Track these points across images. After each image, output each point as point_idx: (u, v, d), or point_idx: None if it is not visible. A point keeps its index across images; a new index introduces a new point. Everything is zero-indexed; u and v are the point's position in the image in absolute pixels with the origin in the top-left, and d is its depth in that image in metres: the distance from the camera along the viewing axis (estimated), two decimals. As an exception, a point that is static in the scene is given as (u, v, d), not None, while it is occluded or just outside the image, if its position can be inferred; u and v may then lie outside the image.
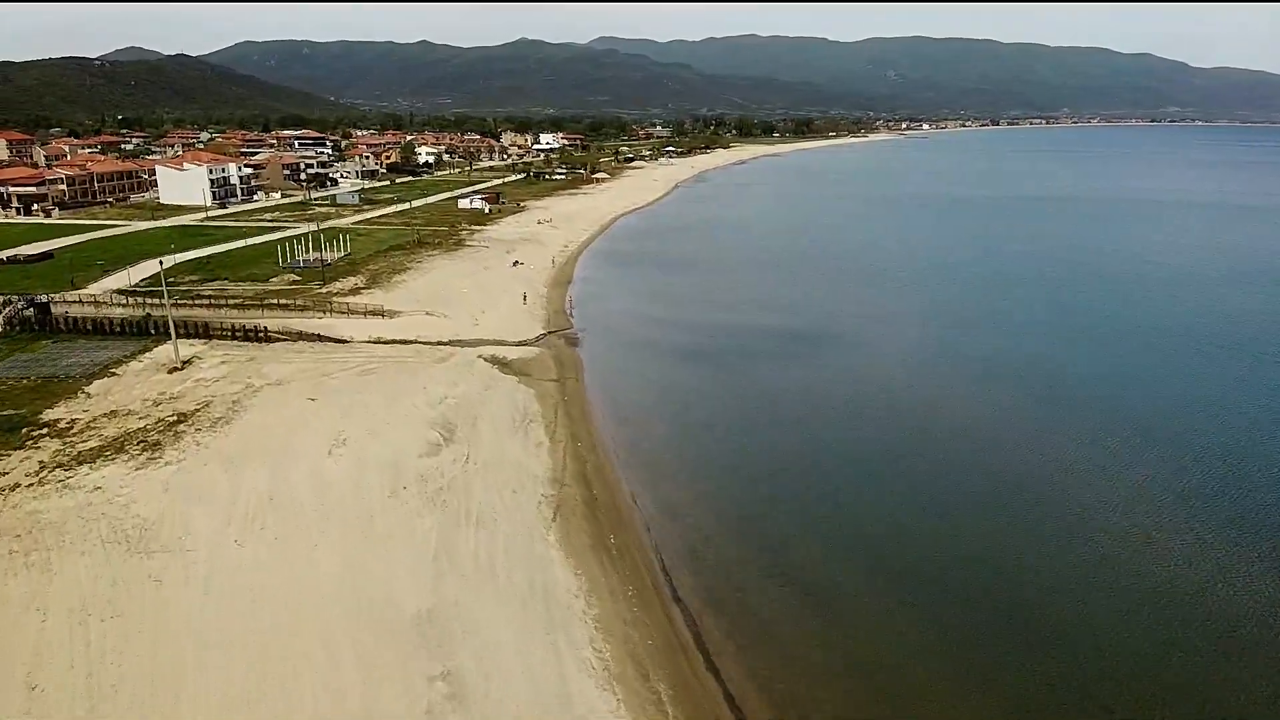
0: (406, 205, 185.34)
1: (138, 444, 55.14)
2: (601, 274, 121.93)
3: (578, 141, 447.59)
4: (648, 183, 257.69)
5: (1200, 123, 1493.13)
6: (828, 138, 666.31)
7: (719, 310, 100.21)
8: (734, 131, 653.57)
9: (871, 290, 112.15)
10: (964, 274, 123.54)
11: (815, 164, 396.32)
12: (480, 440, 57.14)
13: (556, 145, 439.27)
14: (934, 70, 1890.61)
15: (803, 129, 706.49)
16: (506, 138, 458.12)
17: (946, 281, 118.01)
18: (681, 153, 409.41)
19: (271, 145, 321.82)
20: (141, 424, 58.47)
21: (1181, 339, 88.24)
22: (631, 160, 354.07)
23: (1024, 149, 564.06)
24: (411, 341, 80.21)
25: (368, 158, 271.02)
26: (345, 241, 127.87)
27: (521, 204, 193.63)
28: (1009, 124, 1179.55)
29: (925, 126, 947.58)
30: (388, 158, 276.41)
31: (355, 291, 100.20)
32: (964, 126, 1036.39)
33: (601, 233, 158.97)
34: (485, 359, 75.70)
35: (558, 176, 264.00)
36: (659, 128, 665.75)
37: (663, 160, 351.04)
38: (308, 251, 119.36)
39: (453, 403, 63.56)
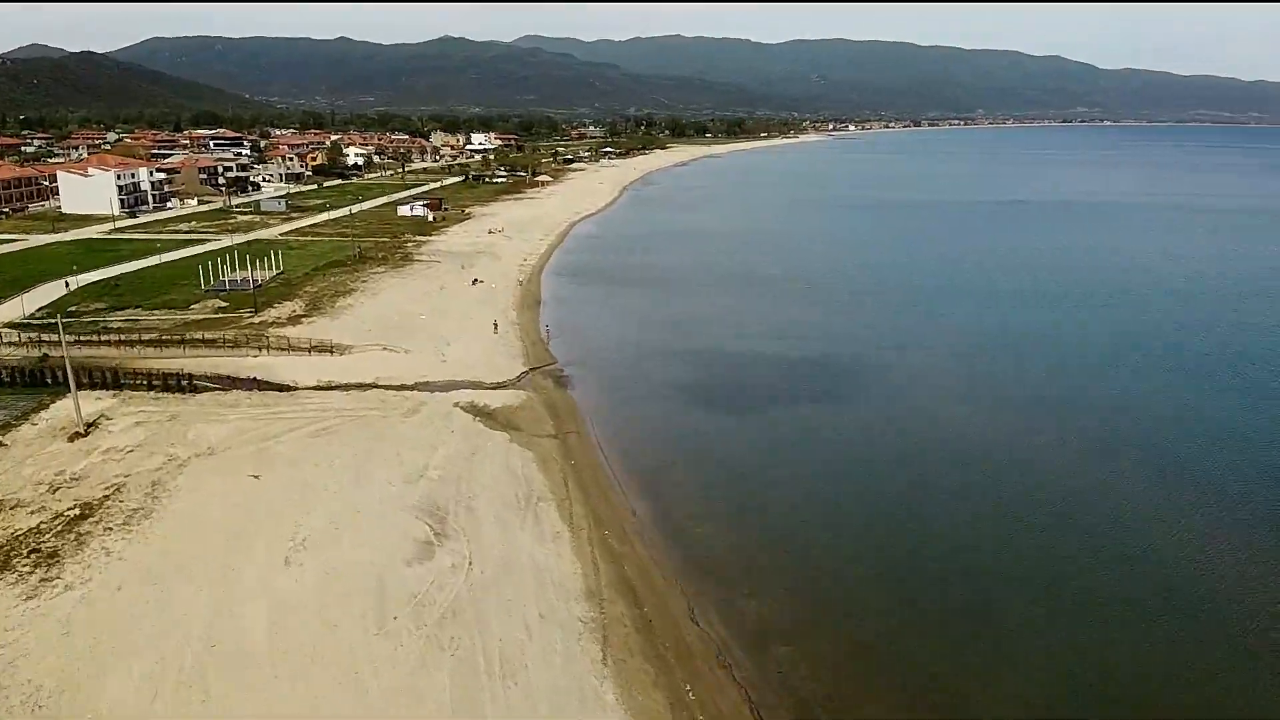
0: (343, 212, 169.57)
1: (28, 555, 41.21)
2: (571, 292, 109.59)
3: (512, 142, 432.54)
4: (594, 186, 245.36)
5: (1109, 123, 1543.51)
6: (759, 139, 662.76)
7: (712, 336, 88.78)
8: (667, 132, 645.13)
9: (856, 307, 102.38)
10: (961, 291, 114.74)
11: (755, 166, 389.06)
12: (481, 533, 44.51)
13: (489, 146, 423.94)
14: (856, 72, 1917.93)
15: (734, 129, 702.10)
16: (437, 138, 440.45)
17: (949, 300, 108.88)
18: (620, 154, 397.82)
19: (185, 146, 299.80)
20: (34, 521, 44.37)
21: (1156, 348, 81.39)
22: (572, 162, 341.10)
23: (952, 151, 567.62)
24: (371, 386, 66.83)
25: (291, 159, 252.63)
26: (277, 258, 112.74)
27: (466, 210, 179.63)
28: (930, 125, 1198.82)
29: (851, 128, 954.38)
30: (313, 159, 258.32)
31: (294, 320, 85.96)
32: (888, 128, 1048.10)
33: (559, 243, 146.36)
34: (463, 408, 62.86)
35: (499, 180, 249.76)
36: (592, 128, 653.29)
37: (604, 162, 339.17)
38: (234, 270, 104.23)
39: (436, 475, 50.74)
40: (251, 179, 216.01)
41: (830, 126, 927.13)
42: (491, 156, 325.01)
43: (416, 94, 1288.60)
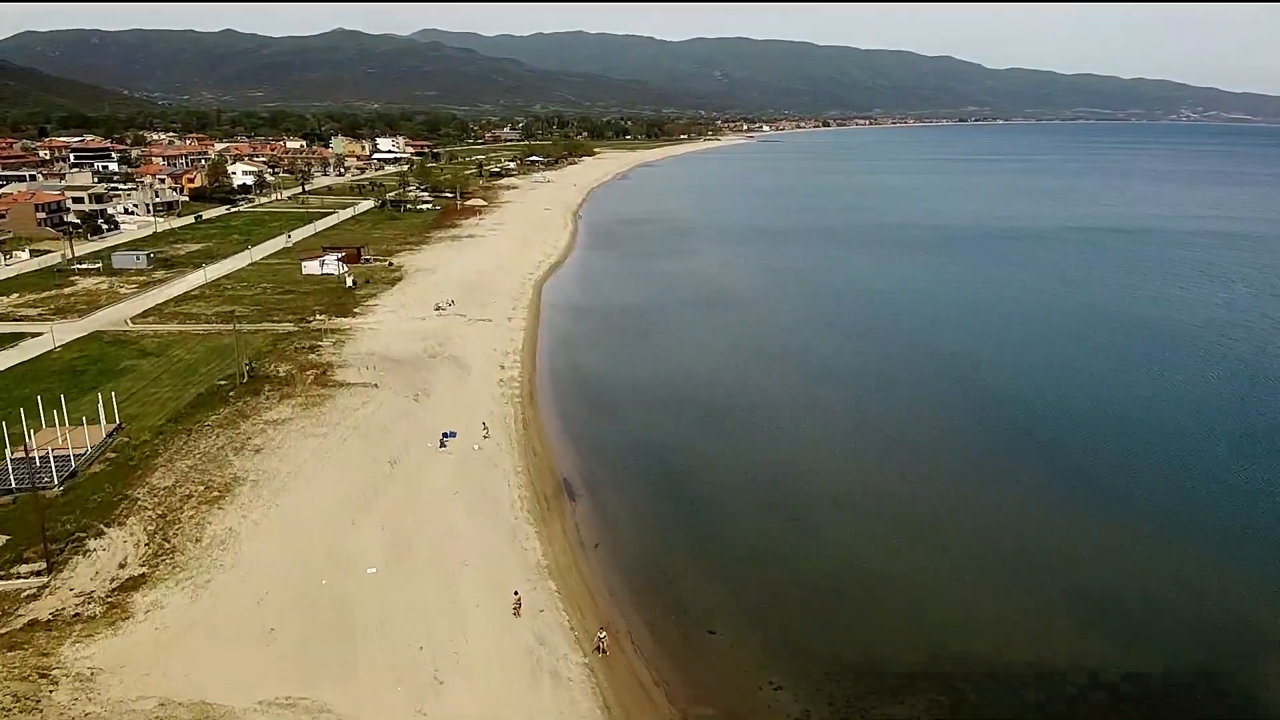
0: (228, 266, 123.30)
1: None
2: (613, 472, 65.25)
3: (425, 149, 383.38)
4: (539, 213, 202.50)
5: (1001, 121, 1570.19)
6: (680, 141, 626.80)
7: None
8: (585, 134, 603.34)
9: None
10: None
11: (702, 178, 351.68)
12: None
13: (399, 153, 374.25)
14: (757, 71, 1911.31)
15: (654, 131, 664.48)
16: (339, 143, 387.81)
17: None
18: (549, 163, 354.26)
19: (37, 165, 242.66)
20: None
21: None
22: (500, 176, 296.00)
23: (883, 154, 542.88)
24: None
25: (163, 180, 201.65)
26: (112, 397, 67.74)
27: (394, 262, 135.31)
28: (838, 124, 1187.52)
29: (765, 128, 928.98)
30: (190, 181, 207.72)
31: (125, 591, 42.87)
32: (799, 128, 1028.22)
33: (536, 322, 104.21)
34: None
35: (423, 205, 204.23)
36: (507, 130, 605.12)
37: (536, 176, 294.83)
38: (19, 444, 58.88)
39: None
40: (109, 213, 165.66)
41: (745, 127, 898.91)
42: (407, 170, 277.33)
43: (309, 89, 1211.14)
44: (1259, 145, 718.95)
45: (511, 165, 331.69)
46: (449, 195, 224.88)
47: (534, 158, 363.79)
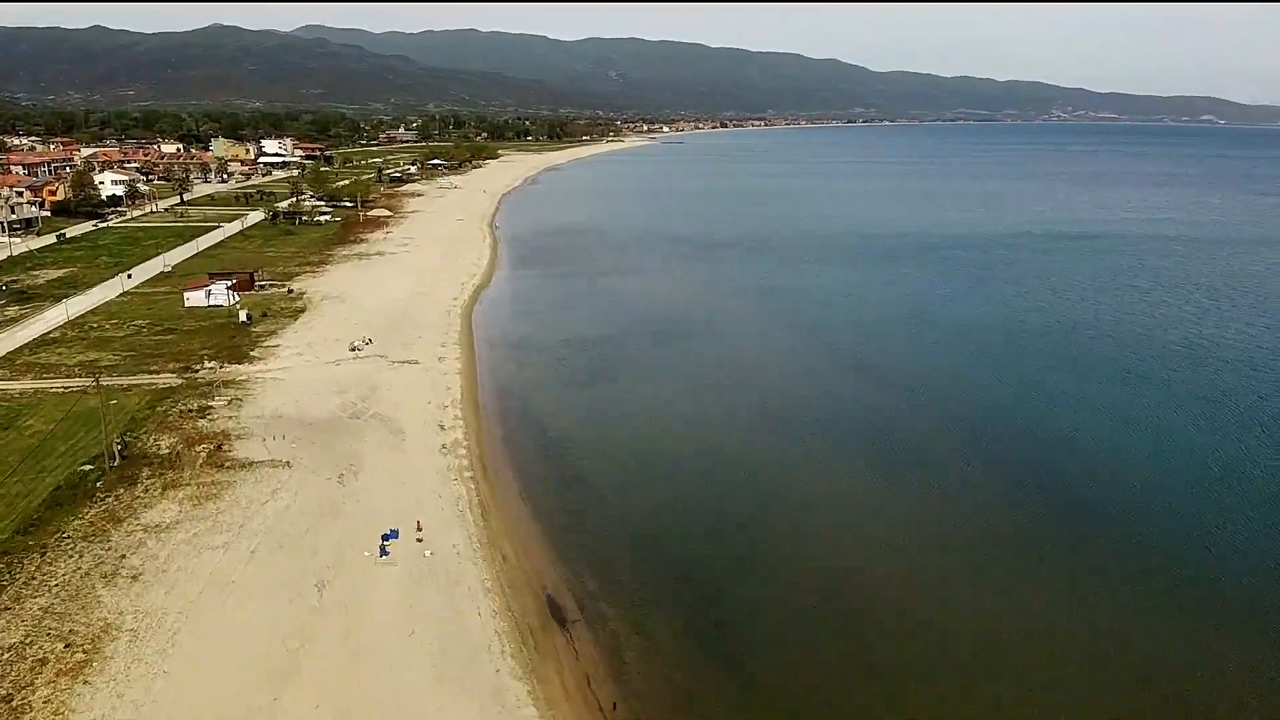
0: (95, 299, 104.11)
1: None
2: (610, 579, 51.14)
3: (317, 152, 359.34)
4: (451, 225, 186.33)
5: (887, 122, 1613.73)
6: (584, 143, 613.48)
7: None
8: (485, 135, 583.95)
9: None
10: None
11: (614, 182, 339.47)
12: None
13: (288, 155, 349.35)
14: (652, 71, 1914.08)
15: (556, 132, 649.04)
16: (221, 146, 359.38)
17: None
18: (453, 167, 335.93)
19: None
20: None
21: None
22: (401, 182, 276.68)
23: (789, 156, 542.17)
24: None
25: (21, 193, 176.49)
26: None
27: (293, 289, 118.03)
28: (735, 124, 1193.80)
29: (666, 129, 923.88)
30: (52, 193, 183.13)
31: None
32: (698, 128, 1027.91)
33: (473, 362, 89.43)
34: None
35: (321, 216, 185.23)
36: (403, 130, 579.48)
37: (440, 182, 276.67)
38: None
39: None
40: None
41: (645, 128, 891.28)
42: (299, 176, 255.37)
43: (186, 88, 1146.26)
44: (1139, 144, 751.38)
45: (413, 169, 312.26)
46: (349, 205, 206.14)
47: (436, 161, 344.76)
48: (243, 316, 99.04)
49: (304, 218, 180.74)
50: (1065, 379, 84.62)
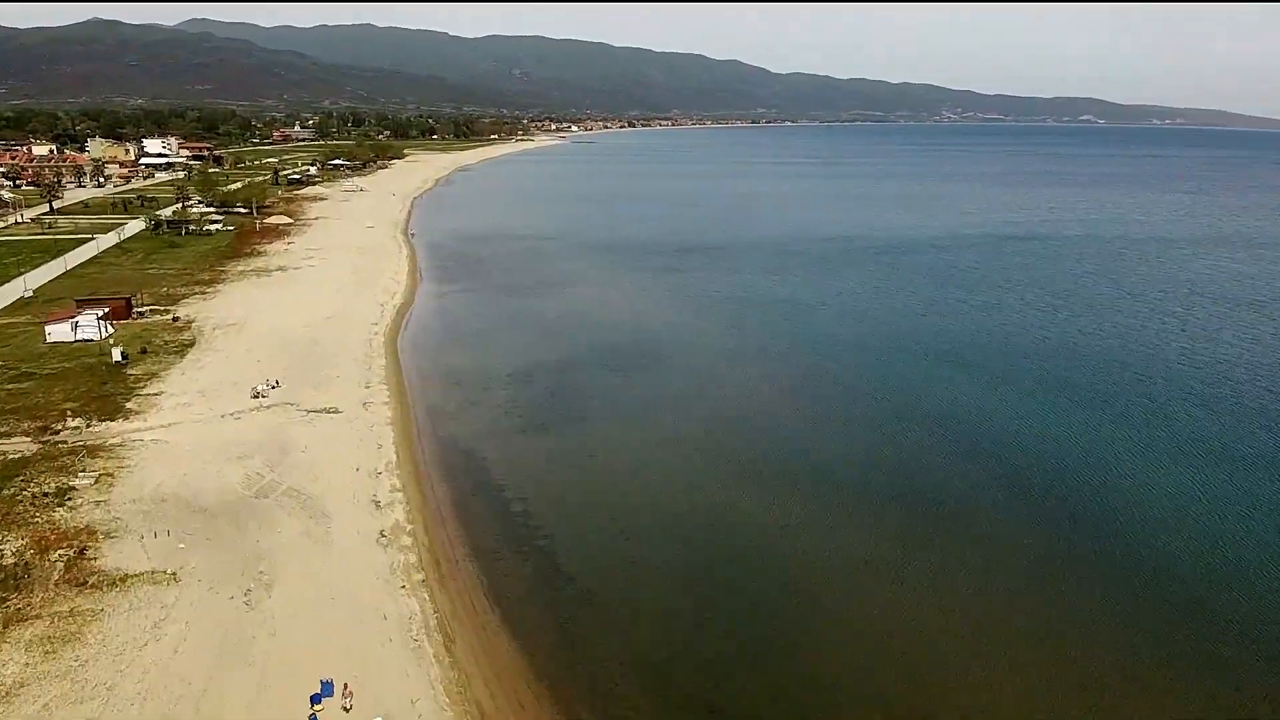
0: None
1: None
2: None
3: (205, 152, 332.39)
4: (361, 233, 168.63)
5: (789, 123, 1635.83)
6: (492, 142, 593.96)
7: None
8: (386, 134, 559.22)
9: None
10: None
11: (531, 183, 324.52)
12: None
13: (173, 156, 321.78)
14: (557, 70, 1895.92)
15: (463, 131, 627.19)
16: (98, 146, 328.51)
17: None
18: (358, 167, 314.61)
19: None
20: None
21: None
22: (301, 184, 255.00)
23: (705, 156, 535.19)
24: None
25: None
26: None
27: (177, 313, 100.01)
28: (643, 124, 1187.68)
29: (574, 128, 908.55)
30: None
31: None
32: (606, 128, 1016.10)
33: (406, 409, 74.09)
34: None
35: (212, 227, 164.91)
36: (298, 128, 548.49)
37: (345, 184, 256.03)
38: None
39: None
40: None
41: (554, 127, 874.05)
42: (185, 179, 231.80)
43: (62, 85, 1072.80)
44: (1040, 145, 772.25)
45: (314, 170, 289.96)
46: (243, 211, 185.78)
47: (338, 161, 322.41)
48: (117, 355, 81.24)
49: (191, 226, 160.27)
50: (1089, 405, 74.90)
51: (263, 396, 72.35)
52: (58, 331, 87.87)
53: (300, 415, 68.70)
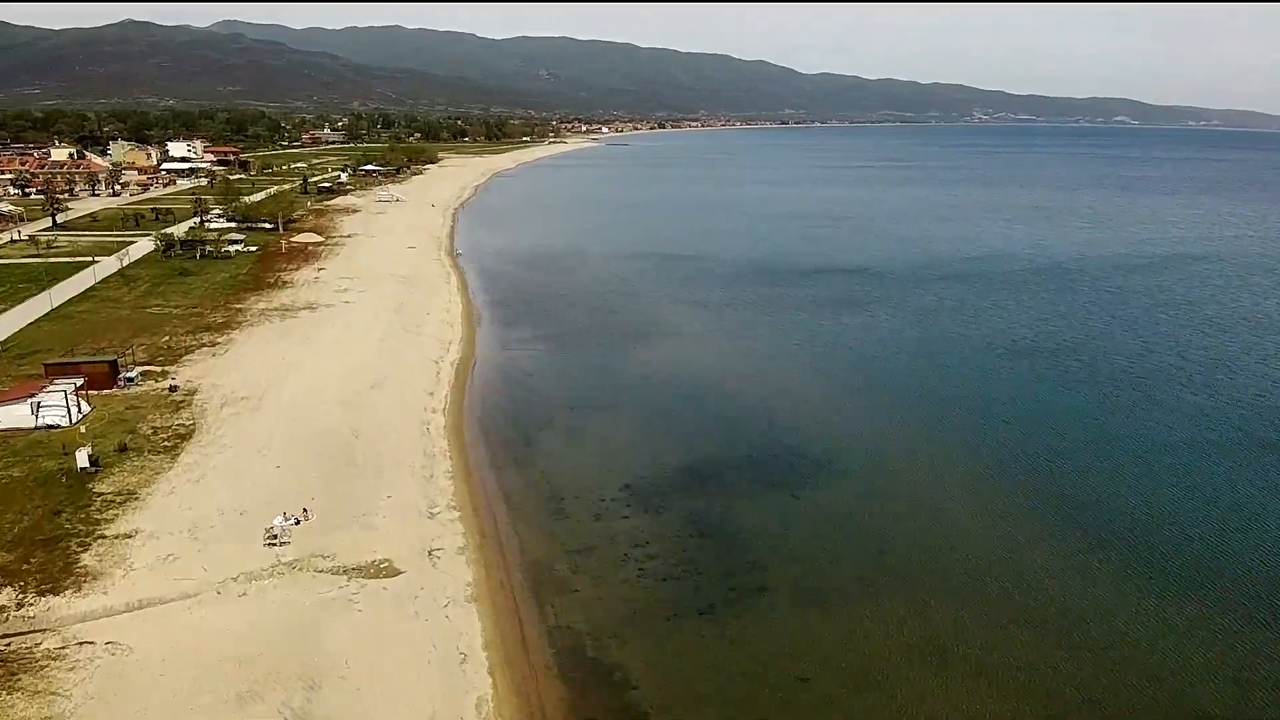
0: None
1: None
2: None
3: (231, 156, 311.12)
4: (401, 255, 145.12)
5: (818, 124, 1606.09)
6: (524, 144, 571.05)
7: None
8: (418, 135, 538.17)
9: None
10: None
11: (580, 190, 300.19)
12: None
13: (197, 160, 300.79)
14: (582, 71, 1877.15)
15: (495, 133, 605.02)
16: (119, 150, 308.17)
17: None
18: (391, 173, 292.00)
19: None
20: None
21: None
22: (332, 193, 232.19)
23: (755, 159, 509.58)
24: None
25: None
26: None
27: (176, 378, 76.13)
28: (673, 125, 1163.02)
29: (605, 130, 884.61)
30: None
31: None
32: (636, 129, 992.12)
33: (504, 564, 49.75)
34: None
35: (232, 248, 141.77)
36: (328, 130, 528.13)
37: (379, 192, 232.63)
38: None
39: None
40: None
41: (583, 128, 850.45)
42: (209, 188, 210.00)
43: (95, 86, 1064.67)
44: (1099, 147, 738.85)
45: (344, 177, 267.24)
46: (268, 226, 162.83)
47: (370, 166, 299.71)
48: (83, 459, 57.48)
49: (208, 248, 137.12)
50: None
51: (281, 541, 48.26)
52: (13, 415, 64.41)
53: (337, 584, 44.56)
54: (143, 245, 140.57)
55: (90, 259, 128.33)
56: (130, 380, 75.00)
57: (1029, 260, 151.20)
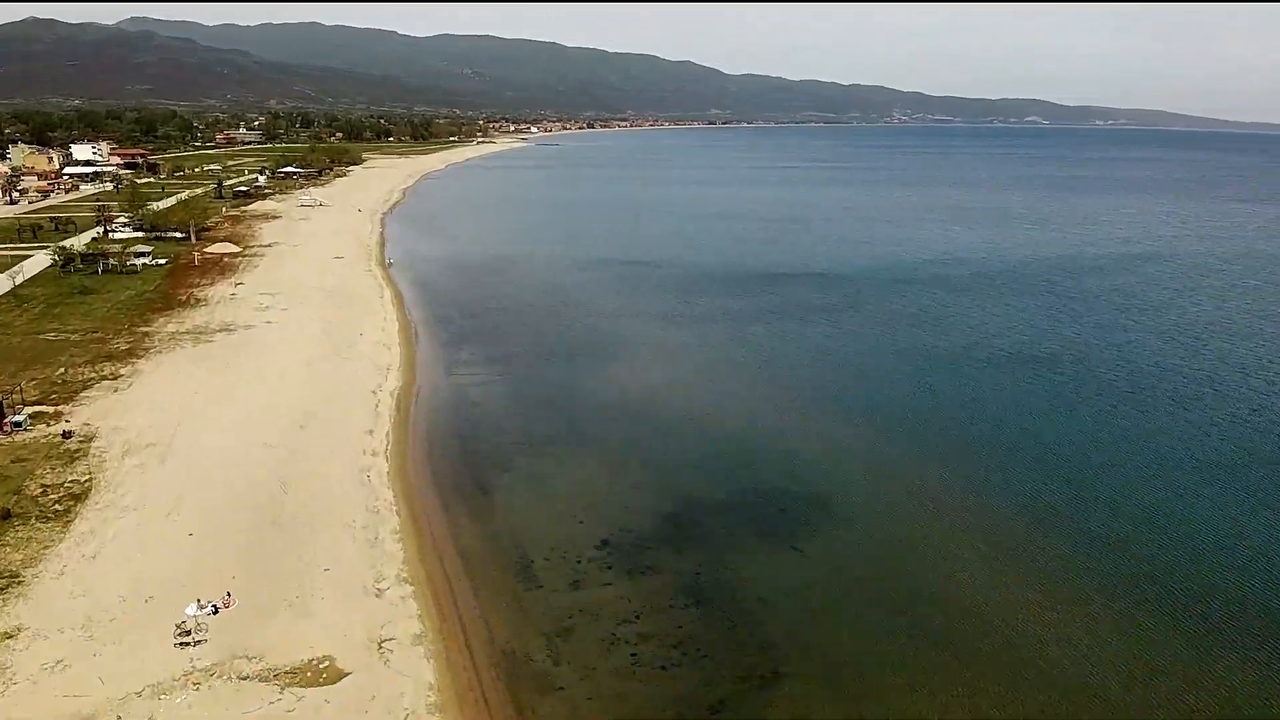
0: None
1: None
2: None
3: (140, 159, 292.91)
4: (326, 263, 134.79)
5: (745, 124, 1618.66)
6: (452, 144, 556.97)
7: None
8: (339, 135, 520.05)
9: None
10: None
11: (513, 192, 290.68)
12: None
13: (104, 163, 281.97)
14: (509, 70, 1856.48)
15: (421, 133, 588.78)
16: (20, 154, 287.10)
17: None
18: (313, 175, 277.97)
19: None
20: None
21: None
22: (249, 197, 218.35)
23: (695, 160, 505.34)
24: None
25: None
26: None
27: (70, 421, 65.79)
28: (602, 125, 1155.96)
29: (534, 130, 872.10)
30: None
31: None
32: (565, 129, 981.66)
33: (460, 654, 42.02)
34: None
35: (139, 261, 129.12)
36: (243, 130, 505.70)
37: (301, 197, 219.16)
38: None
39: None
40: None
41: (512, 128, 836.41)
42: (115, 193, 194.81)
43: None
44: (1021, 146, 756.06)
45: (263, 180, 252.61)
46: (179, 236, 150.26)
47: (290, 168, 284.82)
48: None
49: (111, 261, 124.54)
50: None
51: (196, 639, 39.48)
52: None
53: (267, 696, 36.09)
54: (39, 260, 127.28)
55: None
56: (18, 425, 64.44)
57: (980, 263, 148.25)
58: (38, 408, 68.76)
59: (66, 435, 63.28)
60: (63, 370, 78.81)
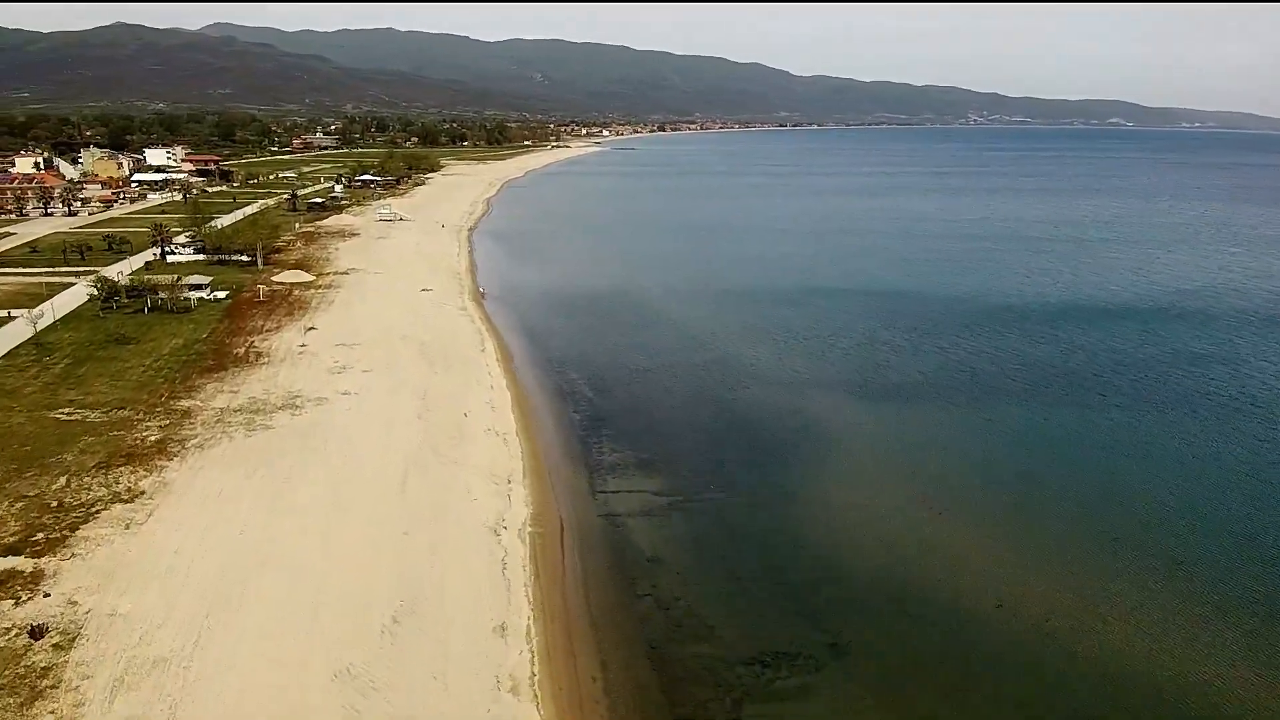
0: None
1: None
2: None
3: (212, 166, 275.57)
4: (412, 300, 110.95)
5: (815, 125, 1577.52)
6: (527, 149, 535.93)
7: None
8: (414, 141, 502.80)
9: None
10: None
11: (602, 203, 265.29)
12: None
13: (177, 169, 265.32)
14: (575, 73, 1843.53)
15: (496, 137, 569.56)
16: (89, 159, 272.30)
17: None
18: (390, 185, 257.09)
19: None
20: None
21: None
22: (323, 209, 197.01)
23: (794, 162, 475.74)
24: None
25: None
26: None
27: (41, 623, 41.75)
28: (671, 128, 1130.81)
29: (605, 133, 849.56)
30: None
31: None
32: (636, 133, 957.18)
33: None
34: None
35: (191, 294, 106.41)
36: (320, 135, 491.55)
37: (379, 210, 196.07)
38: None
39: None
40: None
41: (584, 132, 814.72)
42: (181, 204, 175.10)
43: (84, 88, 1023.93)
44: (1132, 151, 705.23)
45: (338, 190, 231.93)
46: (245, 259, 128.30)
47: (367, 176, 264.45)
48: None
49: (161, 296, 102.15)
50: None
51: None
52: None
53: None
54: (77, 292, 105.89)
55: (4, 315, 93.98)
56: (-40, 608, 40.59)
57: (1150, 289, 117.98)
58: (10, 560, 45.20)
59: (35, 634, 39.35)
60: (64, 481, 55.50)
